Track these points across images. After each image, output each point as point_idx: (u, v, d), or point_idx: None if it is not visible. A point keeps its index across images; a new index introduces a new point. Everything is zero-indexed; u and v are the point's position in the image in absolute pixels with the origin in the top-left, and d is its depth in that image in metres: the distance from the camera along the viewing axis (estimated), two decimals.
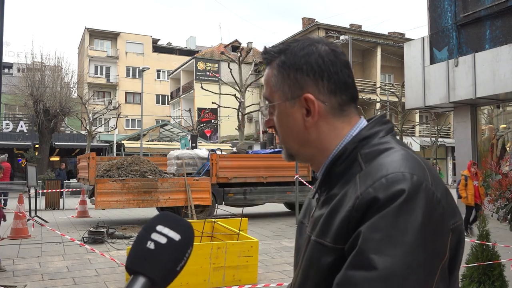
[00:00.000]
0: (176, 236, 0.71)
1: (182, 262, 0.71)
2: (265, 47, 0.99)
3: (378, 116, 0.98)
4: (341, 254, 0.81)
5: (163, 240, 0.70)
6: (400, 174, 0.77)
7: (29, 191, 12.14)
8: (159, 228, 0.71)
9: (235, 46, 38.47)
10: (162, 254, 0.69)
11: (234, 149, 16.82)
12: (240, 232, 6.00)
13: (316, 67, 0.93)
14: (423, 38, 12.91)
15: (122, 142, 28.73)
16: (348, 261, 0.76)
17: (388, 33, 37.71)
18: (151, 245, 0.69)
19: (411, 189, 0.76)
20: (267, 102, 0.99)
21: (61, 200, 15.45)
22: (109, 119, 31.63)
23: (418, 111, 24.98)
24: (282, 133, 0.98)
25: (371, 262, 0.72)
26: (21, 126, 26.45)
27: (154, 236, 0.70)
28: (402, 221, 0.74)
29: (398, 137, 0.99)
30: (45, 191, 14.68)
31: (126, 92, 44.65)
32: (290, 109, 0.95)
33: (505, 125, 12.25)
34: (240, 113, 22.46)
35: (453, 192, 12.47)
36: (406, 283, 0.72)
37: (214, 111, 32.00)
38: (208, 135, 33.53)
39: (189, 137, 17.99)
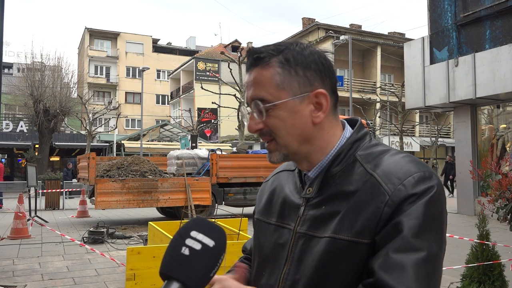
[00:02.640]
0: (210, 243, 0.70)
1: (215, 268, 0.71)
2: (253, 46, 0.98)
3: (358, 120, 1.05)
4: (365, 247, 0.86)
5: (197, 246, 0.69)
6: (423, 173, 0.88)
7: (29, 191, 12.14)
8: (194, 234, 0.70)
9: (235, 46, 38.48)
10: (196, 260, 0.68)
11: (234, 149, 16.80)
12: (240, 232, 6.00)
13: (321, 66, 0.98)
14: (423, 38, 12.89)
15: (122, 142, 28.74)
16: (389, 247, 0.83)
17: (388, 33, 37.76)
18: (185, 251, 0.69)
19: (438, 185, 0.89)
20: (261, 103, 0.95)
21: (64, 200, 15.45)
22: (109, 119, 31.63)
23: (418, 111, 24.97)
24: (284, 131, 0.96)
25: (415, 245, 0.82)
26: (21, 126, 26.48)
27: (189, 242, 0.70)
28: (432, 210, 0.86)
29: (398, 137, 1.06)
30: (45, 191, 14.69)
31: (126, 92, 44.66)
32: (299, 105, 0.96)
33: (505, 125, 12.22)
34: (240, 113, 22.46)
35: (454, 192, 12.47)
36: (440, 261, 0.86)
37: (214, 111, 31.99)
38: (208, 135, 33.53)
39: (189, 137, 18.01)
